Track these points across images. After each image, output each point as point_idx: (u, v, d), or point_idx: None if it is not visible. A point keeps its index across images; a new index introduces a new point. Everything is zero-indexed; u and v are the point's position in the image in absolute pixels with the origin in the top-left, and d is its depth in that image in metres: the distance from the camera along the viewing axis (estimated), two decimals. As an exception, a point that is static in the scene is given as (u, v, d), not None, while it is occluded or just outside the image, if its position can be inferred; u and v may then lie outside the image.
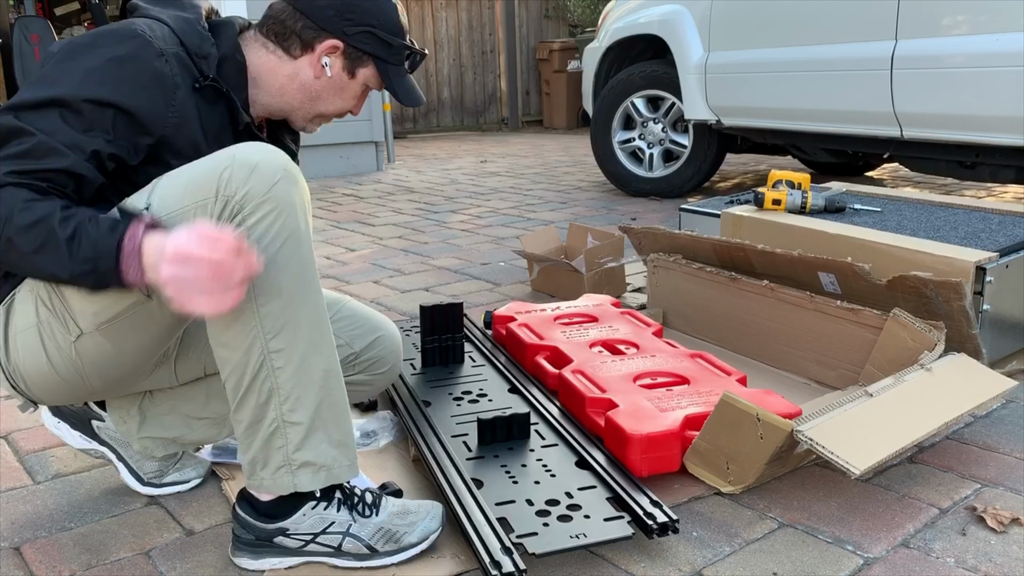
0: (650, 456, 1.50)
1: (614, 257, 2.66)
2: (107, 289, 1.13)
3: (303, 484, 1.24)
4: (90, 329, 1.21)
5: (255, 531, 1.28)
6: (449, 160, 7.16)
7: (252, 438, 1.23)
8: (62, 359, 1.23)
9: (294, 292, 1.18)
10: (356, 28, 1.36)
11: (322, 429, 1.23)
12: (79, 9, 8.87)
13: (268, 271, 1.15)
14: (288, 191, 1.16)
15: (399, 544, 1.29)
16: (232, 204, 1.13)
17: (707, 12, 4.28)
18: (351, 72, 1.40)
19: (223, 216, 1.14)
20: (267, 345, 1.18)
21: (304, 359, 1.20)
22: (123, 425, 1.48)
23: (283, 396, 1.20)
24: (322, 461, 1.24)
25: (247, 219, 1.14)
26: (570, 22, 10.46)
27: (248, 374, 1.19)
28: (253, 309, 1.16)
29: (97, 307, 1.18)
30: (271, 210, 1.14)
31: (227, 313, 1.11)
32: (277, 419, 1.21)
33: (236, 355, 1.19)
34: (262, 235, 1.15)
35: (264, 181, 1.14)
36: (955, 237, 2.12)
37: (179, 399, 1.48)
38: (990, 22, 3.16)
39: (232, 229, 1.10)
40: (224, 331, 1.18)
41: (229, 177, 1.13)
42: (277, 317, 1.17)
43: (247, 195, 1.13)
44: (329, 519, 1.28)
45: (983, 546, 1.33)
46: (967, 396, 1.58)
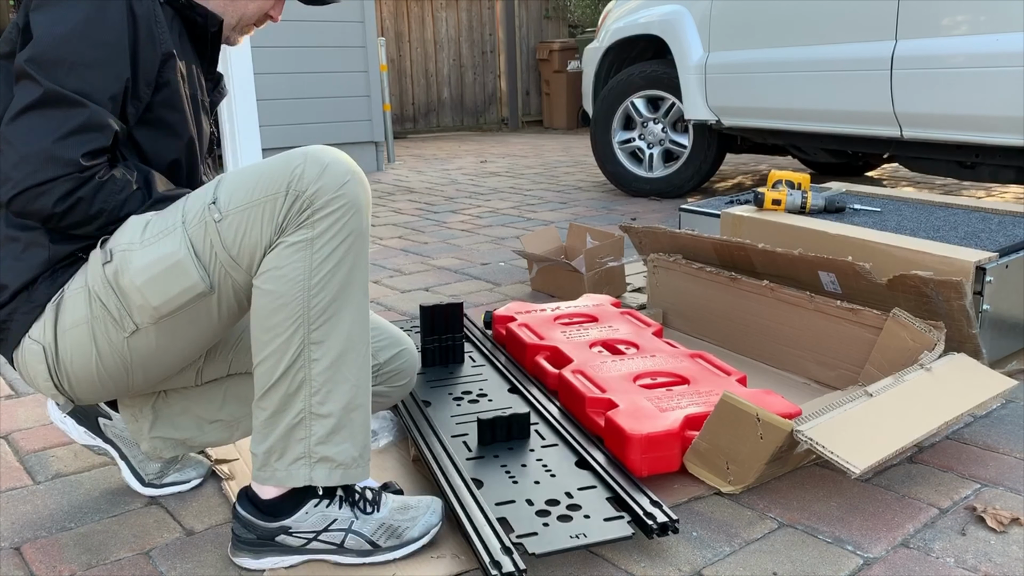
0: (650, 456, 1.50)
1: (614, 257, 2.66)
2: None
3: (319, 479, 1.24)
4: (146, 324, 1.22)
5: (257, 530, 1.28)
6: (449, 160, 7.17)
7: (273, 427, 1.23)
8: (112, 355, 1.24)
9: (344, 289, 1.20)
10: None
11: (348, 428, 1.24)
12: (79, 9, 8.85)
13: (326, 264, 1.18)
14: (357, 192, 1.20)
15: (401, 539, 1.29)
16: (303, 199, 1.17)
17: (707, 12, 4.29)
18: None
19: (292, 210, 1.17)
20: (309, 335, 1.20)
21: (341, 355, 1.22)
22: (134, 424, 1.48)
23: (314, 388, 1.22)
24: (341, 459, 1.25)
25: (316, 213, 1.17)
26: (570, 22, 10.47)
27: (284, 361, 1.20)
28: (304, 298, 1.18)
29: (159, 301, 1.20)
30: (340, 207, 1.18)
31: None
32: (304, 411, 1.22)
33: (277, 340, 1.20)
34: (327, 228, 1.18)
35: (336, 179, 1.18)
36: (955, 237, 2.12)
37: (194, 400, 1.48)
38: (990, 22, 3.16)
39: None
40: (272, 315, 1.19)
41: (301, 173, 1.17)
42: (324, 310, 1.19)
43: (318, 191, 1.17)
44: (331, 516, 1.28)
45: (983, 546, 1.33)
46: (967, 396, 1.58)
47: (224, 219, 1.18)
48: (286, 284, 1.18)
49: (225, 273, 1.20)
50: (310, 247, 1.18)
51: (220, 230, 1.18)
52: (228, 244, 1.18)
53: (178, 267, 1.18)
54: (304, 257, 1.18)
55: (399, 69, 9.68)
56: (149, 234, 1.20)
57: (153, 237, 1.20)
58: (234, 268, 1.20)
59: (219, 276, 1.20)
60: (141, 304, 1.20)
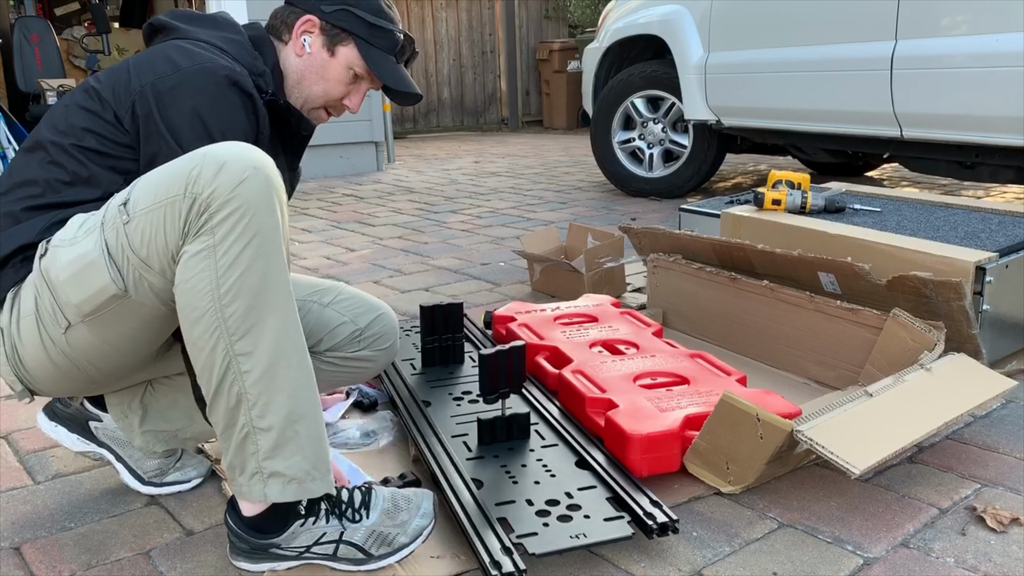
0: (650, 456, 1.50)
1: (614, 257, 2.66)
2: None
3: (273, 494, 1.21)
4: (76, 321, 1.21)
5: (247, 543, 1.27)
6: (449, 160, 7.16)
7: (228, 442, 1.21)
8: (56, 349, 1.24)
9: (260, 294, 1.15)
10: (332, 6, 1.44)
11: (294, 441, 1.20)
12: (79, 9, 8.87)
13: (232, 271, 1.14)
14: (256, 190, 1.14)
15: (392, 546, 1.28)
16: (199, 202, 1.13)
17: (707, 12, 4.28)
18: (331, 50, 1.45)
19: (191, 214, 1.13)
20: (232, 347, 1.15)
21: (272, 365, 1.17)
22: (124, 420, 1.48)
23: (251, 401, 1.17)
24: (292, 474, 1.20)
25: (213, 217, 1.13)
26: (570, 22, 10.46)
27: (215, 376, 1.17)
28: (217, 309, 1.14)
29: (78, 300, 1.19)
30: (236, 209, 1.13)
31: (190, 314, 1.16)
32: (247, 424, 1.18)
33: (203, 355, 1.17)
34: (228, 232, 1.13)
35: (231, 179, 1.13)
36: (955, 237, 2.12)
37: (182, 392, 1.48)
38: (990, 22, 3.16)
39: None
40: (192, 329, 1.16)
41: (198, 175, 1.13)
42: (242, 318, 1.15)
43: (213, 193, 1.12)
44: (319, 530, 1.27)
45: (983, 546, 1.33)
46: (967, 396, 1.58)
47: (131, 221, 1.16)
48: (196, 296, 1.14)
49: (139, 275, 1.17)
50: (213, 255, 1.13)
51: (128, 232, 1.16)
52: (136, 247, 1.16)
53: (92, 267, 1.17)
54: (208, 266, 1.13)
55: (399, 69, 9.66)
56: (79, 232, 1.20)
57: (80, 235, 1.20)
58: (146, 271, 1.17)
59: (133, 278, 1.17)
60: (66, 301, 1.20)
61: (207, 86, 1.27)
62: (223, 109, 1.28)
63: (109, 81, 1.31)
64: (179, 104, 1.26)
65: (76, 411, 1.52)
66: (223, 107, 1.28)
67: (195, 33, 1.37)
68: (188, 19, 1.40)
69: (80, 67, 8.18)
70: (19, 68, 6.58)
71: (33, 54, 6.64)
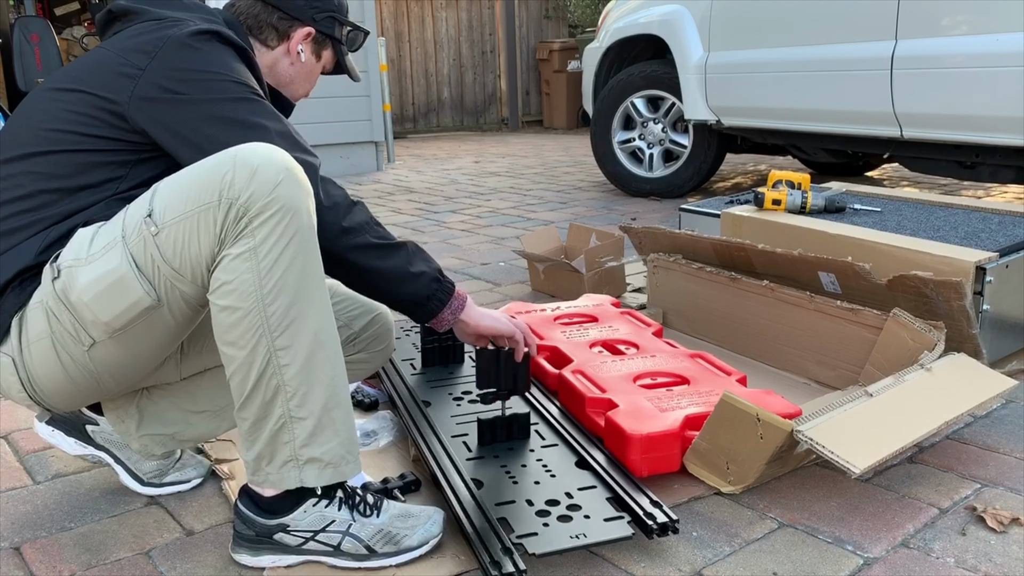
0: (650, 456, 1.50)
1: (614, 257, 2.66)
2: (433, 312, 1.37)
3: (309, 479, 1.24)
4: (102, 338, 1.21)
5: (255, 527, 1.28)
6: (449, 160, 7.16)
7: (258, 434, 1.23)
8: (76, 367, 1.24)
9: (300, 290, 1.18)
10: (322, 14, 1.50)
11: (330, 427, 1.23)
12: (79, 9, 8.87)
13: (275, 270, 1.16)
14: (292, 190, 1.16)
15: (398, 547, 1.29)
16: (237, 207, 1.14)
17: (707, 12, 4.28)
18: (317, 56, 1.53)
19: (228, 219, 1.14)
20: (273, 343, 1.18)
21: (310, 356, 1.20)
22: (121, 424, 1.48)
23: (290, 393, 1.20)
24: (328, 458, 1.24)
25: (253, 221, 1.15)
26: (570, 22, 10.47)
27: (254, 372, 1.19)
28: (260, 308, 1.16)
29: (108, 317, 1.19)
30: (276, 211, 1.15)
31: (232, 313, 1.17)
32: (284, 415, 1.21)
33: (242, 353, 1.19)
34: (268, 234, 1.15)
35: (267, 182, 1.15)
36: (955, 237, 2.12)
37: (179, 394, 1.48)
38: (990, 22, 3.16)
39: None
40: (230, 329, 1.18)
41: (231, 180, 1.14)
42: (283, 315, 1.18)
43: (251, 198, 1.14)
44: (329, 517, 1.28)
45: (983, 546, 1.33)
46: (967, 396, 1.58)
47: (161, 232, 1.16)
48: (239, 297, 1.16)
49: (171, 285, 1.18)
50: (255, 256, 1.15)
51: (158, 243, 1.16)
52: (168, 257, 1.16)
53: (122, 283, 1.17)
54: (251, 267, 1.15)
55: (399, 69, 9.68)
56: (94, 249, 1.19)
57: (98, 252, 1.18)
58: (179, 280, 1.18)
59: (165, 288, 1.18)
60: (92, 320, 1.19)
61: (202, 43, 1.26)
62: (227, 62, 1.28)
63: (87, 76, 1.26)
64: (190, 72, 1.24)
65: (73, 415, 1.52)
66: (227, 60, 1.28)
67: (165, 15, 1.33)
68: (152, 2, 1.36)
69: (80, 67, 8.17)
70: (19, 68, 6.58)
71: (33, 54, 6.64)
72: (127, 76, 1.24)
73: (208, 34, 1.28)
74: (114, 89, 1.24)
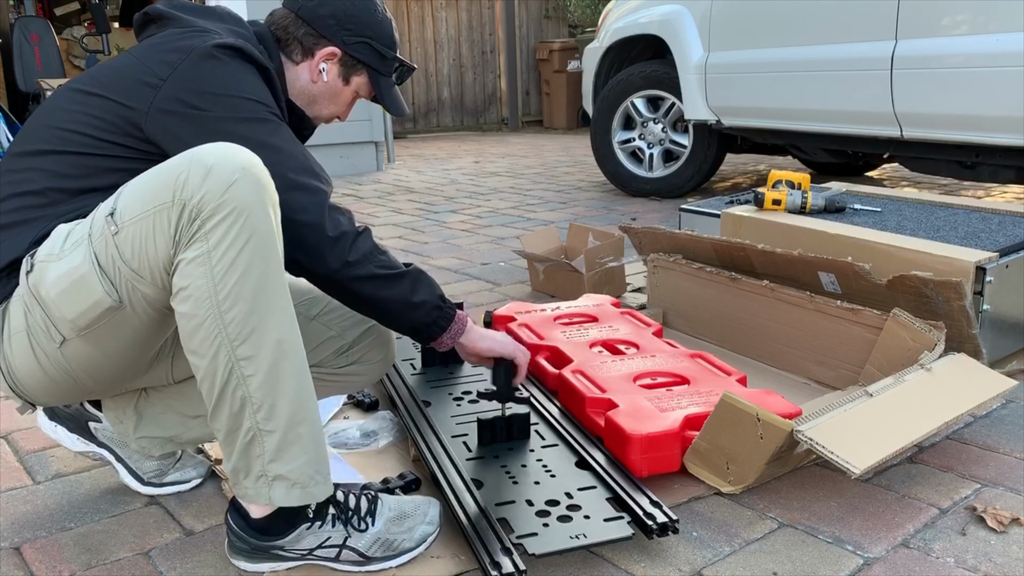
0: (650, 456, 1.50)
1: (614, 257, 2.66)
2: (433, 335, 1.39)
3: (277, 498, 1.21)
4: (71, 336, 1.19)
5: (248, 544, 1.27)
6: (449, 160, 7.16)
7: (232, 446, 1.20)
8: (51, 363, 1.23)
9: (259, 297, 1.14)
10: (354, 38, 1.45)
11: (297, 443, 1.19)
12: (79, 9, 8.87)
13: (229, 275, 1.12)
14: (248, 191, 1.12)
15: (396, 551, 1.29)
16: (190, 208, 1.11)
17: (707, 12, 4.28)
18: (346, 79, 1.49)
19: (182, 220, 1.11)
20: (234, 352, 1.14)
21: (274, 366, 1.16)
22: (119, 425, 1.48)
23: (256, 404, 1.17)
24: (295, 477, 1.20)
25: (206, 223, 1.11)
26: (570, 22, 10.46)
27: (218, 382, 1.16)
28: (216, 315, 1.13)
29: (73, 315, 1.17)
30: (229, 213, 1.11)
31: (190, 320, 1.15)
32: (253, 427, 1.18)
33: (204, 362, 1.16)
34: (222, 237, 1.12)
35: (221, 183, 1.11)
36: (955, 237, 2.12)
37: (175, 397, 1.47)
38: (990, 22, 3.16)
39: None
40: (191, 337, 1.15)
41: (185, 180, 1.11)
42: (243, 323, 1.13)
43: (203, 199, 1.10)
44: (324, 535, 1.27)
45: (983, 546, 1.33)
46: (967, 396, 1.58)
47: (120, 232, 1.14)
48: (194, 304, 1.12)
49: (132, 287, 1.15)
50: (208, 261, 1.11)
51: (118, 243, 1.14)
52: (127, 258, 1.14)
53: (83, 281, 1.15)
54: (205, 272, 1.11)
55: (399, 69, 9.66)
56: (66, 245, 1.17)
57: (68, 249, 1.17)
58: (139, 281, 1.15)
59: (127, 289, 1.15)
60: (60, 316, 1.18)
61: (225, 58, 1.26)
62: (248, 80, 1.28)
63: (110, 81, 1.27)
64: (209, 87, 1.24)
65: (76, 412, 1.52)
66: (248, 78, 1.28)
67: (196, 23, 1.33)
68: (187, 10, 1.37)
69: (80, 67, 8.17)
70: (19, 68, 6.58)
71: (33, 54, 6.64)
72: (148, 85, 1.24)
73: (231, 49, 1.27)
74: (134, 97, 1.24)
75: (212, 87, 1.24)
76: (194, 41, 1.26)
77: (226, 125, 1.23)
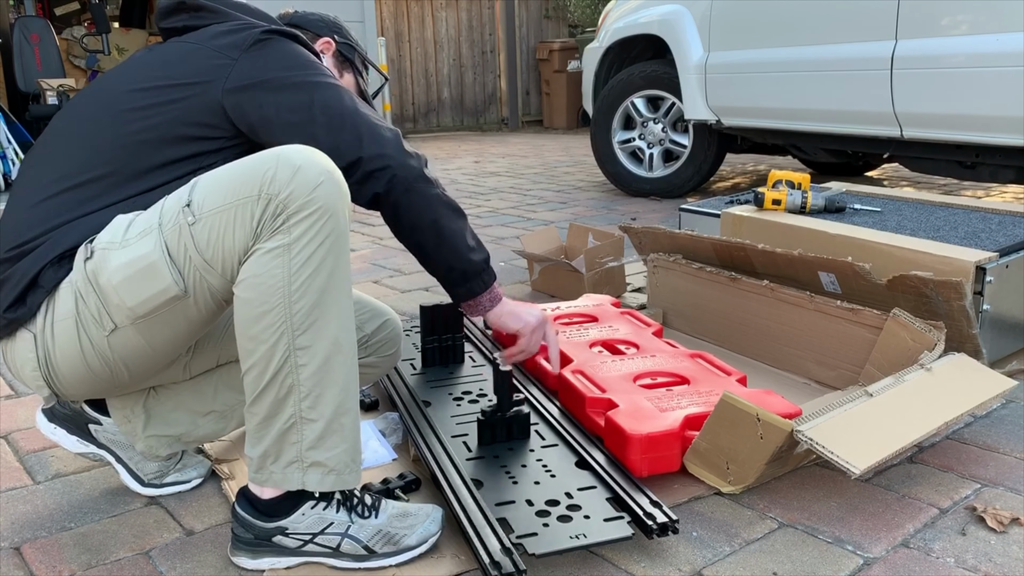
0: (650, 456, 1.50)
1: (614, 257, 2.66)
2: (473, 291, 1.42)
3: (311, 483, 1.24)
4: (124, 324, 1.22)
5: (254, 529, 1.28)
6: (449, 160, 7.16)
7: (266, 431, 1.23)
8: (95, 352, 1.25)
9: (326, 292, 1.19)
10: (342, 39, 1.63)
11: (339, 432, 1.23)
12: (79, 9, 8.88)
13: (304, 269, 1.17)
14: (331, 193, 1.18)
15: (397, 546, 1.29)
16: (275, 203, 1.15)
17: (707, 12, 4.29)
18: (340, 72, 1.61)
19: (265, 214, 1.15)
20: (294, 341, 1.18)
21: (328, 359, 1.20)
22: (127, 424, 1.48)
23: (303, 393, 1.20)
24: (332, 464, 1.24)
25: (291, 218, 1.16)
26: (570, 22, 10.47)
27: (271, 369, 1.19)
28: (285, 305, 1.17)
29: (134, 302, 1.20)
30: (314, 211, 1.16)
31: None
32: (295, 415, 1.21)
33: (262, 348, 1.19)
34: (304, 232, 1.16)
35: (308, 182, 1.16)
36: (955, 237, 2.12)
37: (185, 395, 1.48)
38: (990, 22, 3.16)
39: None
40: (254, 324, 1.18)
41: (273, 176, 1.16)
42: (307, 315, 1.18)
43: (291, 195, 1.15)
44: (328, 519, 1.28)
45: (983, 546, 1.33)
46: (967, 396, 1.58)
47: (198, 222, 1.17)
48: (266, 292, 1.16)
49: (200, 276, 1.19)
50: (288, 253, 1.16)
51: (194, 233, 1.17)
52: (202, 248, 1.17)
53: (152, 269, 1.18)
54: (282, 263, 1.16)
55: (399, 69, 9.68)
56: (131, 234, 1.20)
57: (133, 237, 1.20)
58: (209, 272, 1.19)
59: (193, 279, 1.19)
60: (118, 304, 1.20)
61: (286, 40, 1.35)
62: (309, 54, 1.37)
63: (173, 67, 1.31)
64: (281, 60, 1.32)
65: (75, 413, 1.52)
66: (308, 53, 1.37)
67: (240, 17, 1.40)
68: (229, 4, 1.42)
69: (80, 67, 8.18)
70: (19, 68, 6.58)
71: (33, 54, 6.64)
72: (219, 66, 1.31)
73: (286, 34, 1.36)
74: (209, 75, 1.30)
75: (286, 60, 1.33)
76: (248, 28, 1.34)
77: (305, 87, 1.31)
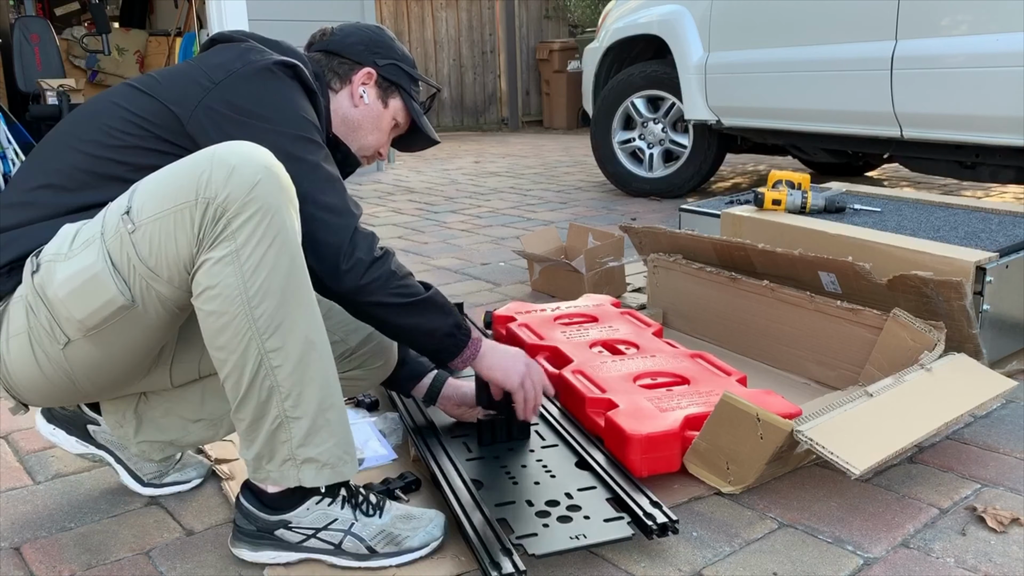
0: (650, 456, 1.50)
1: (614, 257, 2.66)
2: (454, 354, 1.40)
3: (307, 479, 1.24)
4: (77, 337, 1.19)
5: (257, 522, 1.28)
6: (449, 160, 7.16)
7: (256, 434, 1.23)
8: (51, 365, 1.22)
9: (286, 291, 1.17)
10: (385, 60, 1.52)
11: (326, 428, 1.23)
12: (79, 9, 8.87)
13: (259, 272, 1.14)
14: (271, 191, 1.14)
15: (399, 547, 1.29)
16: (213, 207, 1.12)
17: (707, 12, 4.28)
18: (384, 102, 1.53)
19: (205, 220, 1.12)
20: (263, 345, 1.17)
21: (302, 357, 1.19)
22: (119, 429, 1.47)
23: (284, 393, 1.20)
24: (325, 459, 1.24)
25: (231, 222, 1.12)
26: (570, 22, 10.46)
27: (247, 375, 1.18)
28: (246, 311, 1.15)
29: (82, 315, 1.17)
30: (255, 212, 1.13)
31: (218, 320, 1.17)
32: (280, 415, 1.21)
33: (233, 357, 1.17)
34: (249, 236, 1.13)
35: (245, 182, 1.12)
36: (955, 237, 2.12)
37: (175, 401, 1.46)
38: (990, 22, 3.16)
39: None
40: (219, 335, 1.17)
41: (208, 179, 1.12)
42: (272, 317, 1.16)
43: (228, 198, 1.12)
44: (332, 515, 1.28)
45: (983, 546, 1.33)
46: (967, 396, 1.58)
47: (137, 230, 1.13)
48: (224, 302, 1.14)
49: (146, 285, 1.15)
50: (237, 259, 1.13)
51: (134, 242, 1.14)
52: (144, 256, 1.14)
53: (95, 280, 1.15)
54: (234, 271, 1.13)
55: (399, 69, 9.66)
56: (75, 245, 1.17)
57: (77, 248, 1.17)
58: (155, 280, 1.15)
59: (140, 288, 1.16)
60: (67, 316, 1.17)
61: (280, 75, 1.31)
62: (299, 99, 1.32)
63: (165, 80, 1.30)
64: (260, 96, 1.28)
65: (74, 414, 1.51)
66: (299, 97, 1.32)
67: (259, 47, 1.39)
68: (256, 37, 1.42)
69: (80, 67, 8.17)
70: (19, 68, 6.57)
71: (33, 54, 6.64)
72: (200, 86, 1.28)
73: (288, 67, 1.32)
74: (183, 96, 1.27)
75: (265, 97, 1.28)
76: (252, 56, 1.32)
77: (270, 136, 1.25)
